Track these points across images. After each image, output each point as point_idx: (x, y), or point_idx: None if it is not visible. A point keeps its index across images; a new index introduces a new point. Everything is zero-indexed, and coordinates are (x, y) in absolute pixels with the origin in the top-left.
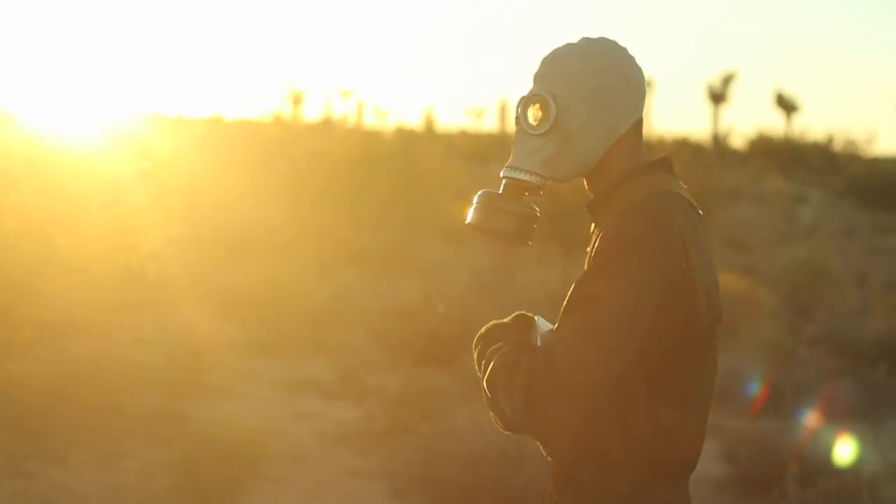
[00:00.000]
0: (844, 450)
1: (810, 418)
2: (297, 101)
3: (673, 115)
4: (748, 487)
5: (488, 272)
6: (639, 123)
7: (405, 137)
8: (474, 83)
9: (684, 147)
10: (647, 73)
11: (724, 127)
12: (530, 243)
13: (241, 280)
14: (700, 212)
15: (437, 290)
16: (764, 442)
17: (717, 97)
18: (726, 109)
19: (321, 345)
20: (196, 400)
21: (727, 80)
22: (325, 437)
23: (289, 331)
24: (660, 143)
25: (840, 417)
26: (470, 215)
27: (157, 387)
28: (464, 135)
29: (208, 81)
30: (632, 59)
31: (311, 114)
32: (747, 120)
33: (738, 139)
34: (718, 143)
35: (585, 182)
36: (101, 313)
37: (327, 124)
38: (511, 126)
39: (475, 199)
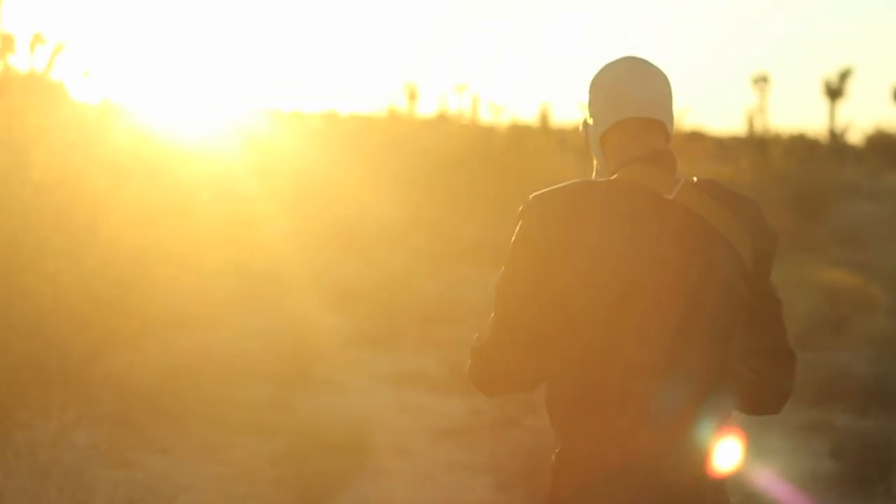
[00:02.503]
0: None
1: None
2: (412, 96)
3: (789, 110)
4: (854, 484)
5: None
6: (621, 124)
7: (519, 133)
8: (588, 78)
9: (800, 143)
10: (761, 69)
11: (840, 123)
12: None
13: (351, 273)
14: (669, 197)
15: None
16: (871, 439)
17: (834, 93)
18: (843, 105)
19: (430, 338)
20: (303, 392)
21: (844, 76)
22: (431, 430)
23: (398, 324)
24: (776, 140)
25: None
26: None
27: (265, 379)
28: (578, 130)
29: (325, 77)
30: (610, 74)
31: (427, 109)
32: (865, 115)
33: (856, 135)
34: (835, 138)
35: None
36: (209, 306)
37: (442, 120)
38: None
39: None
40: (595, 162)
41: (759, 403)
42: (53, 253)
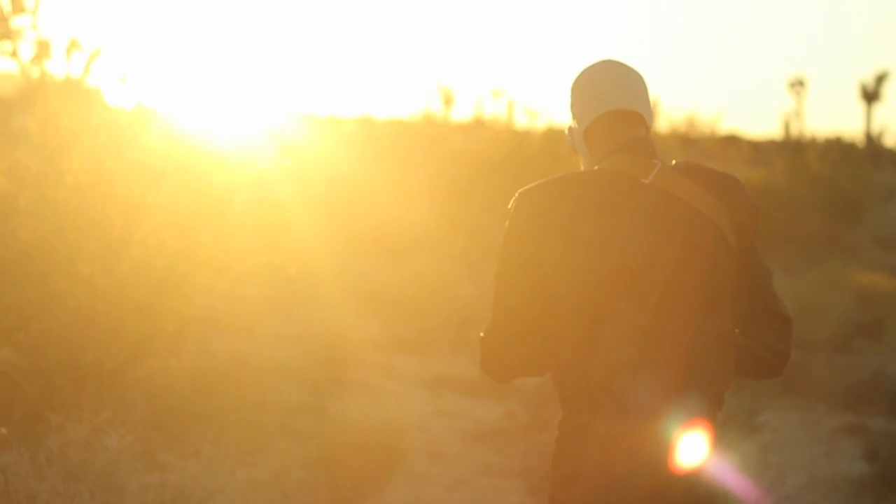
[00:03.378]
0: None
1: None
2: (447, 101)
3: (826, 114)
4: (888, 487)
5: None
6: (602, 118)
7: (554, 137)
8: None
9: (836, 146)
10: (797, 73)
11: (877, 126)
12: None
13: (386, 278)
14: (646, 181)
15: None
16: None
17: (871, 96)
18: (880, 108)
19: (464, 342)
20: (337, 396)
21: (880, 79)
22: (464, 434)
23: (432, 328)
24: (812, 144)
25: None
26: None
27: (299, 383)
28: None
29: (361, 82)
30: (588, 75)
31: (462, 114)
32: None
33: (892, 138)
34: (871, 142)
35: None
36: (243, 310)
37: (478, 124)
38: (661, 127)
39: None
40: (581, 161)
41: (758, 367)
42: (87, 257)
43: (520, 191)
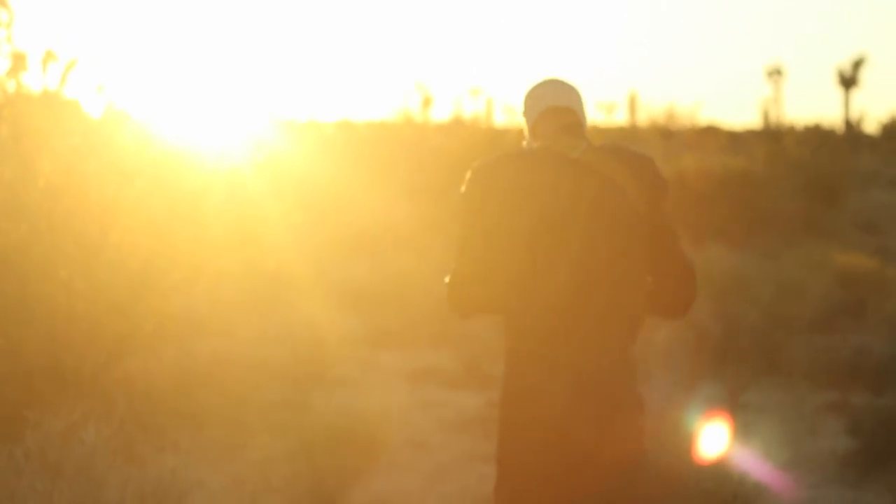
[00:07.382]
0: None
1: None
2: (426, 101)
3: (804, 102)
4: (873, 461)
5: None
6: (542, 114)
7: None
8: (605, 77)
9: (814, 133)
10: (774, 62)
11: (855, 112)
12: None
13: (367, 275)
14: (574, 156)
15: None
16: (887, 417)
17: (848, 82)
18: (858, 94)
19: (445, 335)
20: (318, 391)
21: (858, 64)
22: (446, 423)
23: (413, 323)
24: (790, 131)
25: None
26: None
27: (281, 380)
28: (594, 129)
29: (340, 86)
30: (534, 87)
31: (441, 114)
32: (880, 104)
33: (871, 124)
34: (850, 128)
35: None
36: (224, 311)
37: (457, 123)
38: (640, 120)
39: None
40: None
41: (666, 309)
42: (65, 259)
43: (472, 165)
